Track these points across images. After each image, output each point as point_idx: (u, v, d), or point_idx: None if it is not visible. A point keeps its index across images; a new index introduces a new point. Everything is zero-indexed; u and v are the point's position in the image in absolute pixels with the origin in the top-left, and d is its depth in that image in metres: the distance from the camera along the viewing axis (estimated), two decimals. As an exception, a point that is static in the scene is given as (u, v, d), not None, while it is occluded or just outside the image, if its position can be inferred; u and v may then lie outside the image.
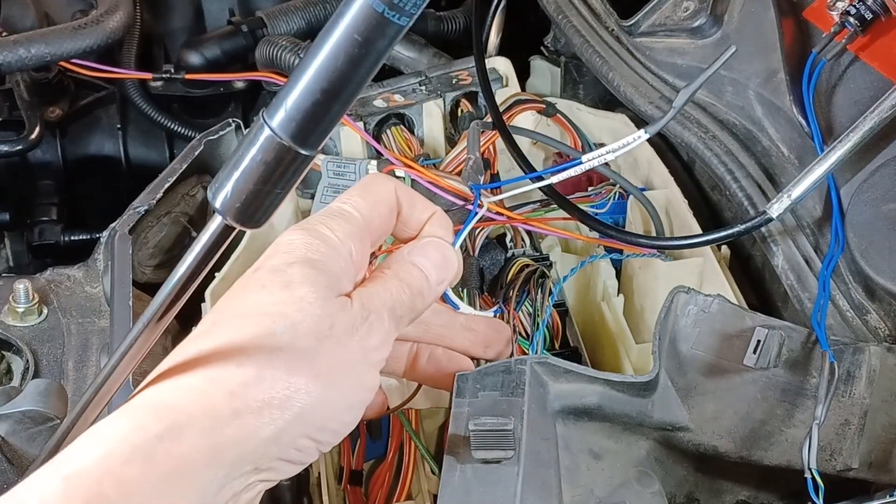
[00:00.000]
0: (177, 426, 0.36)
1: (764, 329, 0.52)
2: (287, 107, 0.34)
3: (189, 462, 0.36)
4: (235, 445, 0.37)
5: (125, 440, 0.36)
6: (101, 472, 0.35)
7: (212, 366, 0.38)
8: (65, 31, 0.86)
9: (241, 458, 0.37)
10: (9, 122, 1.01)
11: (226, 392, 0.37)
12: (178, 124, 1.04)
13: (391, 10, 0.32)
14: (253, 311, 0.39)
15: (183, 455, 0.36)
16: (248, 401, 0.37)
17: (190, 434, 0.36)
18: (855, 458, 0.50)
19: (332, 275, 0.41)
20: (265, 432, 0.37)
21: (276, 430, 0.37)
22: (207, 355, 0.38)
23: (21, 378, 0.62)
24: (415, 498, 0.60)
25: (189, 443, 0.36)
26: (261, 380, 0.37)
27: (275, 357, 0.38)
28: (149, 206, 0.71)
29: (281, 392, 0.37)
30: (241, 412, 0.37)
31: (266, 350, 0.38)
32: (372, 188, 0.44)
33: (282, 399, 0.37)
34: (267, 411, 0.37)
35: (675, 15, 0.72)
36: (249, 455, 0.37)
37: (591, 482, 0.50)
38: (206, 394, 0.37)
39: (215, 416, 0.36)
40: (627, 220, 0.72)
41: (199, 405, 0.37)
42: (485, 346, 0.54)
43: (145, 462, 0.35)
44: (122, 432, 0.36)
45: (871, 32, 0.61)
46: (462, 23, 1.04)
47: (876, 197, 0.57)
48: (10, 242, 1.05)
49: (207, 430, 0.36)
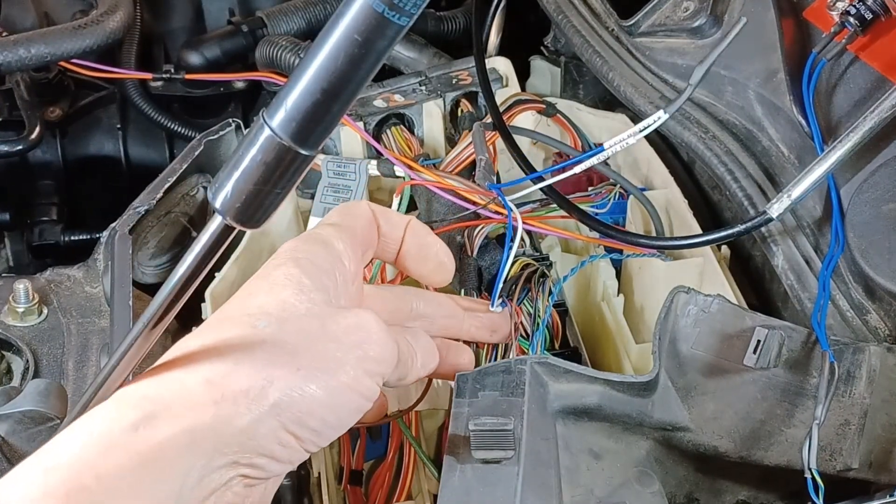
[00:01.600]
0: (153, 414, 0.36)
1: (764, 329, 0.52)
2: (287, 107, 0.34)
3: (165, 450, 0.36)
4: (212, 433, 0.36)
5: (103, 431, 0.36)
6: (81, 465, 0.35)
7: (192, 360, 0.38)
8: (65, 31, 0.86)
9: (219, 448, 0.37)
10: (9, 122, 1.01)
11: (203, 381, 0.37)
12: (178, 124, 1.04)
13: (391, 10, 0.32)
14: (236, 314, 0.40)
15: (160, 443, 0.36)
16: (224, 390, 0.37)
17: (166, 422, 0.36)
18: (855, 458, 0.50)
19: (319, 274, 0.41)
20: (242, 421, 0.37)
21: (252, 419, 0.37)
22: (191, 353, 0.39)
23: (21, 378, 0.62)
24: (415, 498, 0.60)
25: (165, 431, 0.36)
26: (238, 369, 0.37)
27: (255, 349, 0.38)
28: (149, 206, 0.71)
29: (258, 382, 0.37)
30: (218, 401, 0.37)
31: (247, 343, 0.38)
32: (348, 207, 0.47)
33: (258, 389, 0.37)
34: (243, 400, 0.37)
35: (675, 15, 0.72)
36: (227, 446, 0.37)
37: (591, 482, 0.50)
38: (184, 383, 0.37)
39: (192, 404, 0.37)
40: (627, 220, 0.72)
41: (176, 394, 0.37)
42: (491, 331, 0.54)
43: (122, 452, 0.35)
44: (100, 424, 0.36)
45: (871, 32, 0.61)
46: (462, 23, 1.04)
47: (876, 197, 0.57)
48: (11, 242, 1.05)
49: (183, 417, 0.36)
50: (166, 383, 0.38)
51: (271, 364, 0.38)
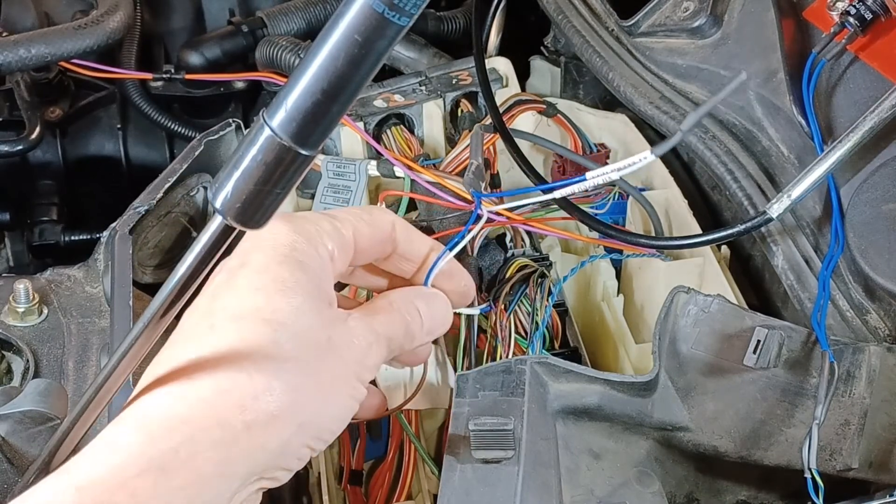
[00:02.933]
0: (190, 440, 0.36)
1: (764, 329, 0.52)
2: (287, 107, 0.34)
3: (202, 476, 0.36)
4: (247, 458, 0.37)
5: (139, 453, 0.36)
6: (115, 484, 0.35)
7: (219, 375, 0.38)
8: (65, 32, 0.86)
9: (252, 471, 0.38)
10: (9, 122, 1.01)
11: (237, 405, 0.37)
12: (179, 124, 1.04)
13: (391, 11, 0.31)
14: (250, 316, 0.39)
15: (196, 469, 0.36)
16: (258, 414, 0.37)
17: (203, 448, 0.36)
18: (855, 458, 0.50)
19: (318, 279, 0.41)
20: (273, 444, 0.38)
21: (282, 442, 0.38)
22: (212, 362, 0.38)
23: (21, 378, 0.62)
24: (415, 498, 0.60)
25: (203, 457, 0.36)
26: (269, 392, 0.38)
27: (281, 369, 0.38)
28: (149, 206, 0.71)
29: (287, 405, 0.38)
30: (252, 425, 0.37)
31: (272, 361, 0.38)
32: (373, 213, 0.45)
33: (288, 412, 0.38)
34: (273, 424, 0.38)
35: (675, 15, 0.72)
36: (259, 467, 0.38)
37: (592, 482, 0.50)
38: (217, 407, 0.37)
39: (227, 430, 0.37)
40: (627, 221, 0.72)
41: (211, 419, 0.37)
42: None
43: (159, 475, 0.35)
44: (134, 444, 0.36)
45: (871, 32, 0.61)
46: (462, 23, 1.04)
47: (876, 197, 0.58)
48: (11, 242, 1.05)
49: (220, 444, 0.37)
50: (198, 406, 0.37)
51: (296, 385, 0.38)
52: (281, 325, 0.39)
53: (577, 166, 0.75)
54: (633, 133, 0.77)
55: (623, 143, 0.78)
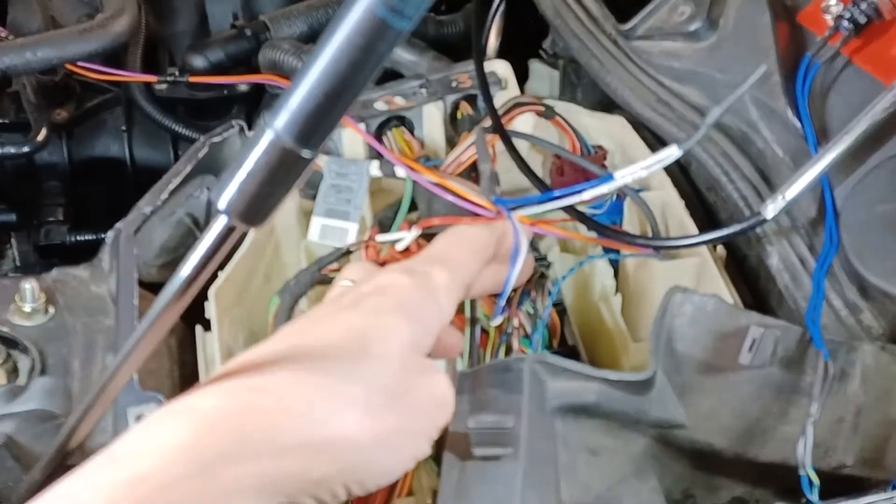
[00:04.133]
0: (240, 448, 0.36)
1: (759, 328, 0.52)
2: (289, 109, 0.34)
3: (243, 487, 0.36)
4: (288, 480, 0.37)
5: (190, 454, 0.35)
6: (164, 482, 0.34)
7: (285, 391, 0.38)
8: (71, 35, 0.86)
9: (287, 492, 0.37)
10: (15, 124, 1.01)
11: (293, 426, 0.37)
12: (183, 126, 1.04)
13: (392, 15, 0.32)
14: (335, 354, 0.39)
15: (239, 478, 0.36)
16: (311, 438, 0.37)
17: (250, 458, 0.36)
18: (849, 455, 0.51)
19: (423, 332, 0.42)
20: (315, 474, 0.38)
21: (324, 475, 0.38)
22: (282, 377, 0.38)
23: (27, 376, 0.62)
24: (416, 494, 0.60)
25: (248, 468, 0.36)
26: (326, 425, 0.38)
27: (347, 408, 0.38)
28: (154, 206, 0.72)
29: (341, 443, 0.38)
30: (303, 448, 0.37)
31: (339, 397, 0.38)
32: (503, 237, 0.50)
33: (339, 449, 0.38)
34: (322, 456, 0.38)
35: (672, 19, 0.72)
36: (294, 490, 0.38)
37: (589, 478, 0.50)
38: (274, 423, 0.37)
39: (278, 446, 0.37)
40: (624, 221, 0.73)
41: (265, 432, 0.37)
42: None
43: (206, 479, 0.35)
44: (186, 444, 0.35)
45: (865, 36, 0.62)
46: (462, 26, 1.05)
47: (870, 198, 0.58)
48: (17, 243, 1.05)
49: (267, 457, 0.36)
50: (255, 414, 0.37)
51: (356, 425, 0.38)
52: (365, 370, 0.39)
53: (576, 167, 0.76)
54: (630, 135, 0.77)
55: (620, 145, 0.79)
